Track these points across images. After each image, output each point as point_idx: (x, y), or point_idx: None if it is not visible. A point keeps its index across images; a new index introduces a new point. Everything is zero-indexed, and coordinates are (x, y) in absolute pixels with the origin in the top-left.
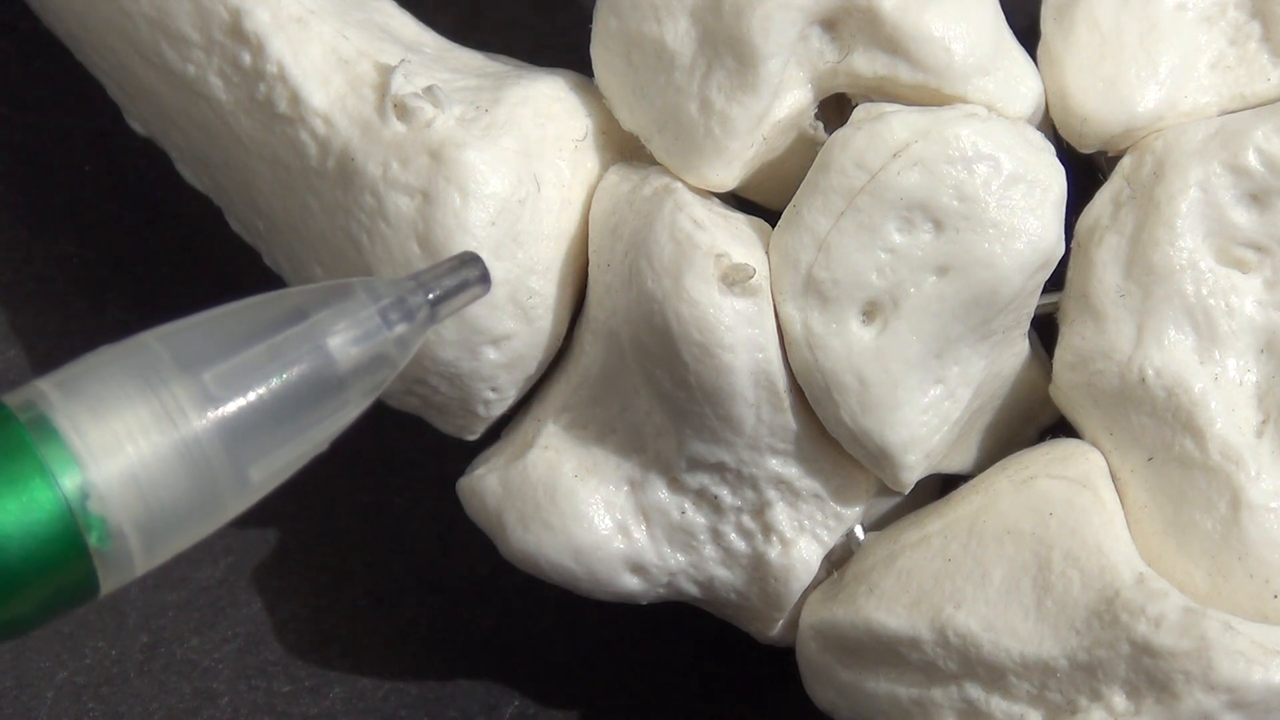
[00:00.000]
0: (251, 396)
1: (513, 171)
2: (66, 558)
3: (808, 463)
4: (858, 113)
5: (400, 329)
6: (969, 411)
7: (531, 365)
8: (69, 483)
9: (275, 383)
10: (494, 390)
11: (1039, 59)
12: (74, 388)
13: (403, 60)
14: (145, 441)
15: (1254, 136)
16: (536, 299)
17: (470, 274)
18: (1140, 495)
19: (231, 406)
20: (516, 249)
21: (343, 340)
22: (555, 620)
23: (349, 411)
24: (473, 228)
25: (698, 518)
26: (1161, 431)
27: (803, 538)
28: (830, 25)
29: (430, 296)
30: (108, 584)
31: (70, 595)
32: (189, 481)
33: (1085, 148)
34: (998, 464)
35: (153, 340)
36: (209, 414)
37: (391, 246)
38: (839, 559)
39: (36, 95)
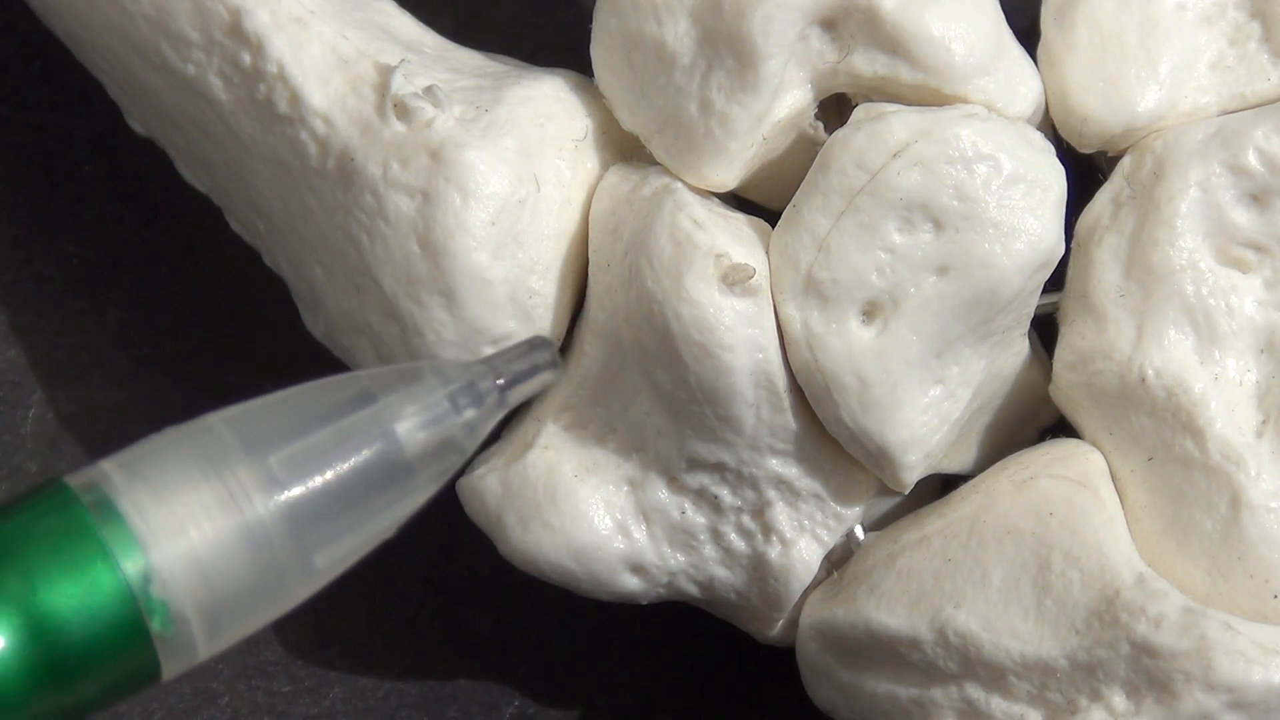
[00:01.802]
0: (317, 481)
1: (513, 171)
2: (128, 642)
3: (808, 463)
4: (858, 113)
5: (469, 414)
6: (969, 411)
7: None
8: (131, 566)
9: (342, 468)
10: None
11: (1039, 59)
12: (137, 469)
13: (403, 60)
14: (209, 525)
15: (1254, 136)
16: (536, 299)
17: (541, 359)
18: (1140, 495)
19: (297, 491)
20: (516, 249)
21: (411, 425)
22: (555, 620)
23: (417, 498)
24: (472, 228)
25: (698, 518)
26: (1161, 431)
27: (803, 538)
28: (830, 25)
29: (500, 381)
30: (169, 669)
31: (132, 680)
32: (253, 566)
33: (1085, 148)
34: (998, 464)
35: (218, 422)
36: (274, 498)
37: (391, 246)
38: (839, 559)
39: (36, 95)
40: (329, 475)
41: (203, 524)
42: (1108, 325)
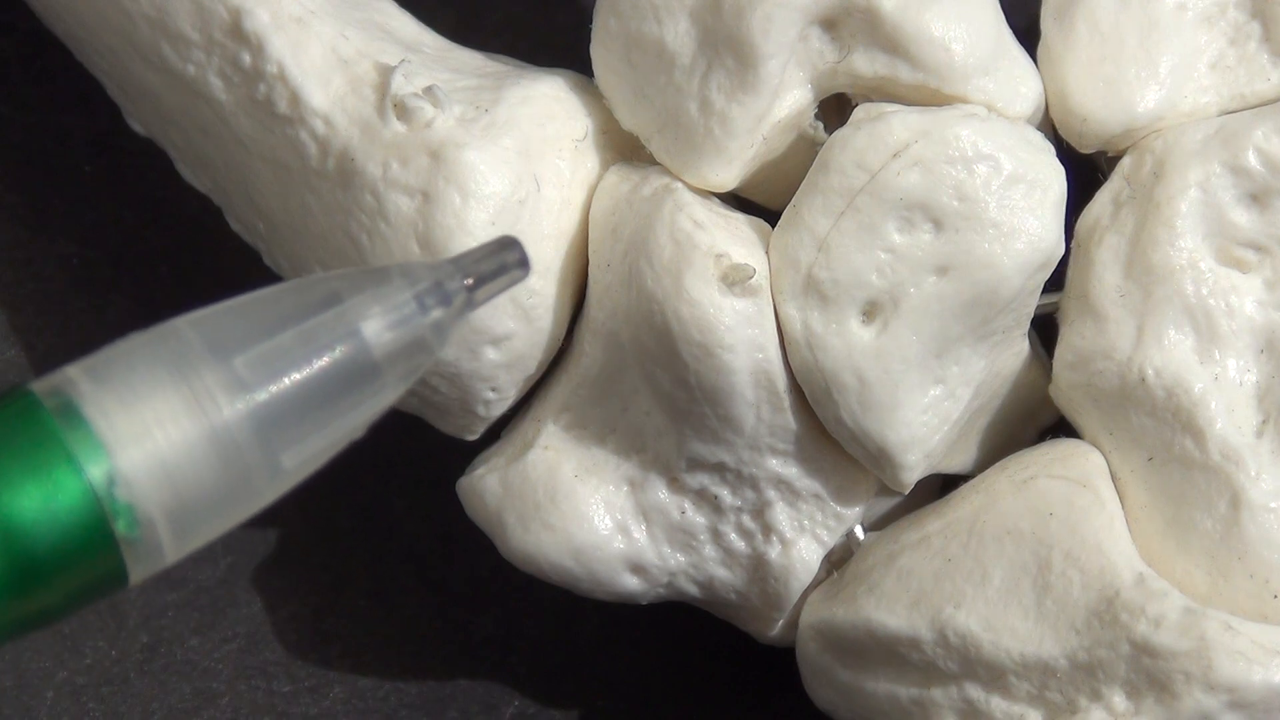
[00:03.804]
0: (284, 382)
1: (513, 171)
2: (94, 546)
3: (808, 463)
4: (858, 113)
5: (437, 314)
6: (969, 411)
7: (531, 365)
8: (96, 470)
9: (308, 368)
10: (494, 390)
11: (1039, 59)
12: (103, 374)
13: (403, 60)
14: (175, 428)
15: (1254, 136)
16: (536, 299)
17: (509, 258)
18: (1140, 495)
19: (263, 393)
20: None
21: (378, 325)
22: (555, 620)
23: (385, 397)
24: (472, 227)
25: (698, 518)
26: (1161, 431)
27: (803, 538)
28: (830, 25)
29: (468, 281)
30: (137, 573)
31: (99, 585)
32: (220, 468)
33: (1085, 148)
34: (998, 464)
35: (184, 326)
36: (239, 400)
37: (391, 246)
38: (839, 559)
39: (36, 95)
40: (295, 376)
41: (168, 427)
42: (1108, 325)
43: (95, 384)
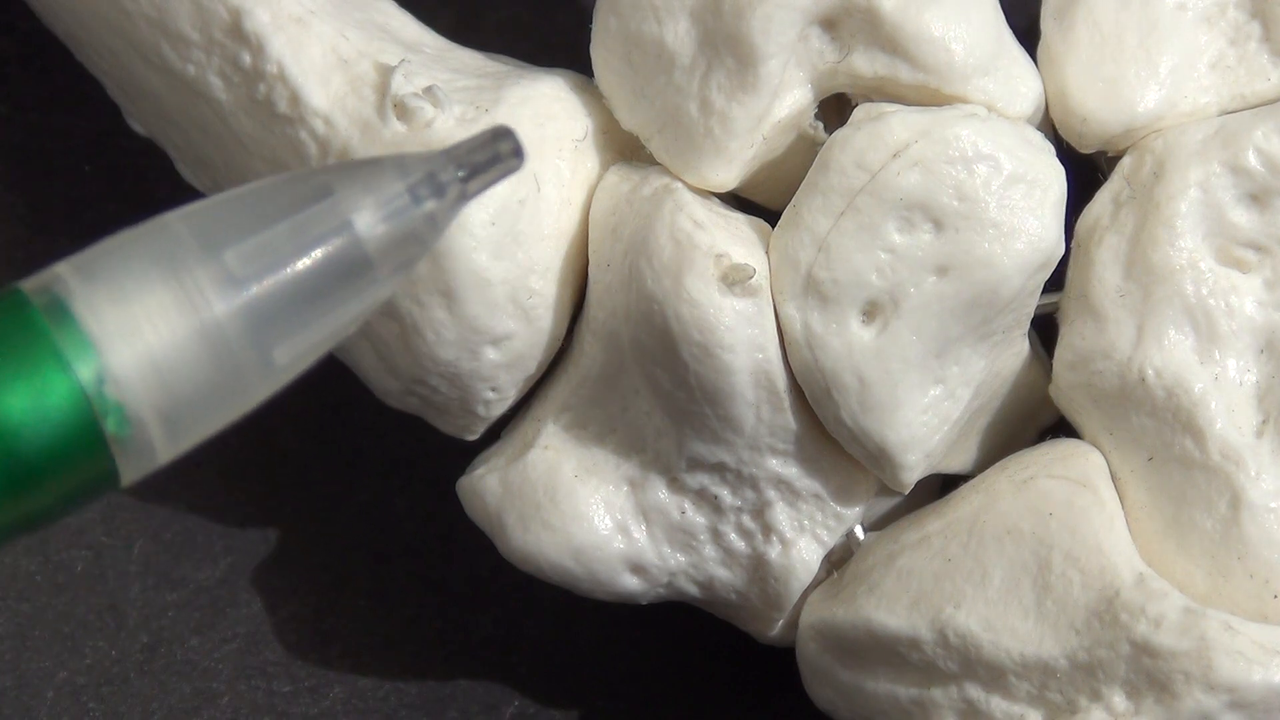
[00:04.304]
0: (275, 276)
1: None
2: (84, 445)
3: (808, 463)
4: (858, 113)
5: (430, 205)
6: (969, 411)
7: (531, 365)
8: (85, 368)
9: (300, 262)
10: (494, 390)
11: (1039, 59)
12: (92, 271)
13: (403, 60)
14: (165, 325)
15: (1254, 136)
16: (536, 299)
17: (503, 147)
18: (1140, 495)
19: (254, 287)
20: (516, 249)
21: (370, 217)
22: (555, 620)
23: (378, 290)
24: (472, 228)
25: (698, 518)
26: (1161, 431)
27: (803, 538)
28: (830, 25)
29: (461, 173)
30: (129, 473)
31: (90, 485)
32: (211, 365)
33: (1085, 148)
34: (998, 464)
35: (174, 220)
36: (230, 295)
37: None
38: (839, 559)
39: (36, 95)
40: (287, 270)
41: (158, 324)
42: (1108, 325)
43: (84, 281)
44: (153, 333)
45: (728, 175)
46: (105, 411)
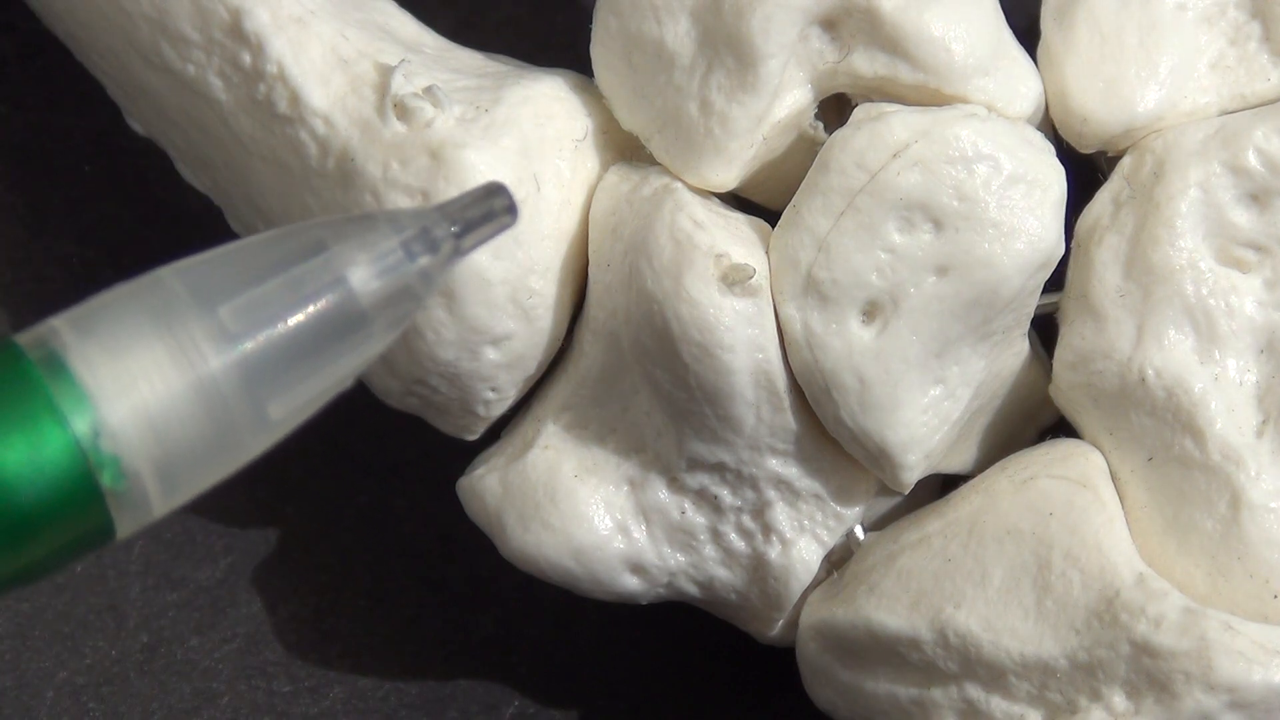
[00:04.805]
0: (270, 331)
1: (512, 171)
2: (79, 499)
3: (808, 463)
4: (858, 113)
5: (424, 261)
6: (969, 411)
7: (531, 365)
8: (80, 422)
9: (294, 317)
10: (494, 390)
11: (1039, 59)
12: (87, 325)
13: (403, 60)
14: (160, 379)
15: (1254, 136)
16: (536, 299)
17: (497, 204)
18: (1140, 495)
19: (249, 342)
20: (516, 249)
21: (364, 273)
22: (555, 620)
23: (372, 346)
24: None
25: (698, 518)
26: (1161, 431)
27: (803, 538)
28: (830, 25)
29: (455, 228)
30: (124, 527)
31: (85, 539)
32: (206, 419)
33: (1085, 148)
34: (998, 464)
35: (168, 275)
36: (225, 349)
37: None
38: (839, 559)
39: (36, 95)
40: (281, 325)
41: (153, 378)
42: (1108, 325)
43: (80, 335)
44: (148, 387)
45: (728, 175)
46: (101, 465)
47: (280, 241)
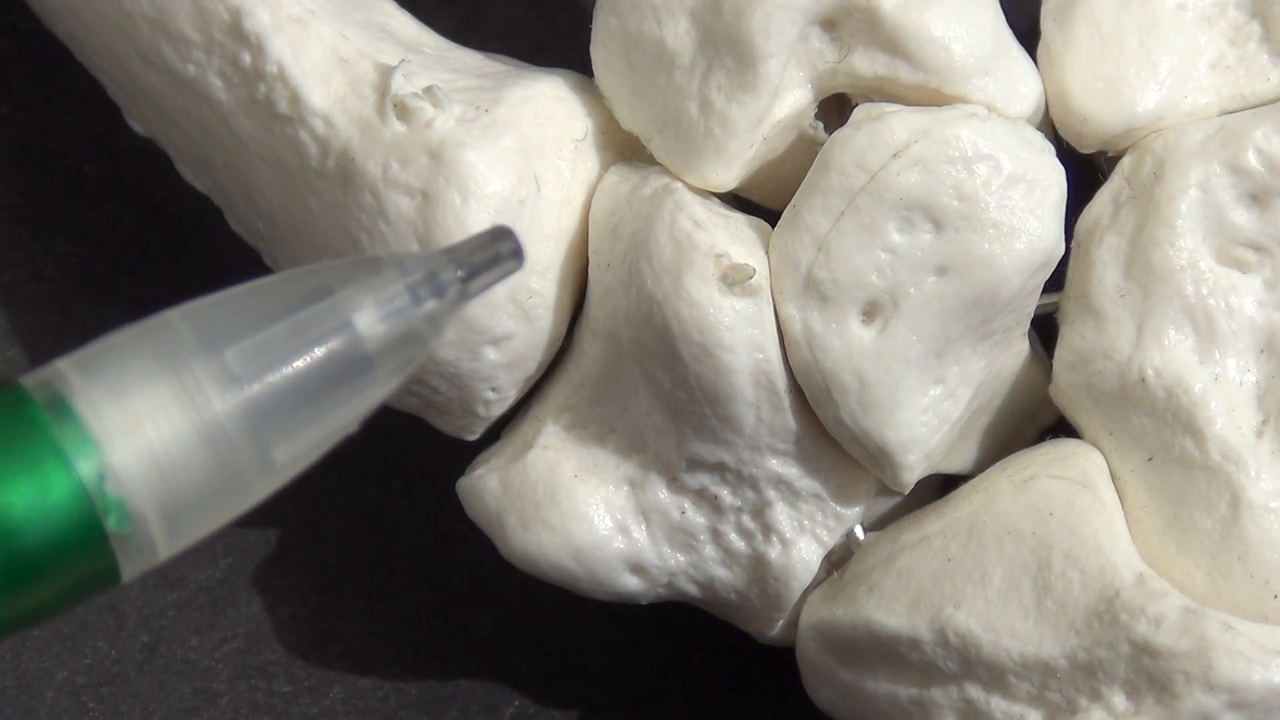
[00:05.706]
0: (276, 375)
1: (513, 171)
2: (85, 542)
3: (808, 463)
4: (858, 113)
5: (430, 305)
6: (969, 411)
7: (531, 365)
8: (86, 465)
9: (300, 361)
10: (494, 390)
11: (1039, 59)
12: (93, 367)
13: (403, 60)
14: (166, 422)
15: (1254, 136)
16: (536, 299)
17: (503, 248)
18: (1140, 495)
19: (254, 386)
20: None
21: (370, 317)
22: (555, 620)
23: (378, 390)
24: (473, 228)
25: (698, 518)
26: (1161, 431)
27: (803, 538)
28: (830, 25)
29: (461, 273)
30: (129, 569)
31: (91, 582)
32: (211, 463)
33: (1085, 148)
34: (998, 464)
35: (175, 318)
36: (231, 393)
37: (391, 246)
38: (839, 559)
39: (36, 95)
40: (287, 369)
41: (159, 421)
42: (1108, 325)
43: (85, 377)
44: (153, 430)
45: (728, 175)
46: (106, 508)
47: (286, 285)
